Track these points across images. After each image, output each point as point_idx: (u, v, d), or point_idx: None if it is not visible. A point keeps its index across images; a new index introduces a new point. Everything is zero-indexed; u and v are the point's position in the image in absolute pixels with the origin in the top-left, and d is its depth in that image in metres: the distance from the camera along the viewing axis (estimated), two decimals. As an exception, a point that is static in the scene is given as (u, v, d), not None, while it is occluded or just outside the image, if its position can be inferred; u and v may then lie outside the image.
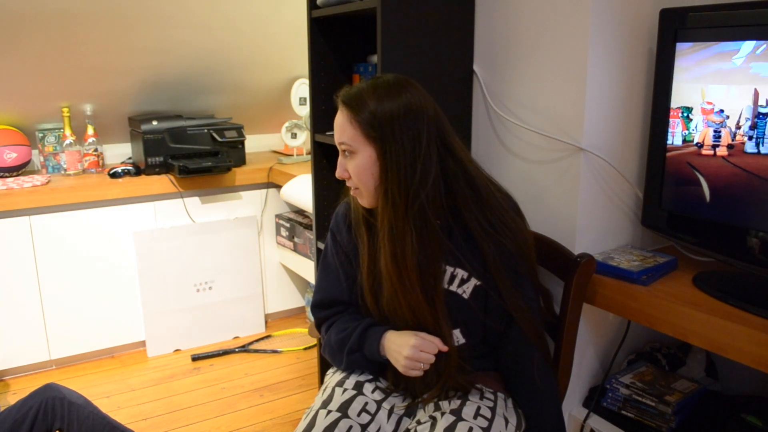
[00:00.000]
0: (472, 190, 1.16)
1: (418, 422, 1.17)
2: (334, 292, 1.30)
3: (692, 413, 1.39)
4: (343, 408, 1.17)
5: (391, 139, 1.11)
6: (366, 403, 1.20)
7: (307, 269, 2.67)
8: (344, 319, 1.29)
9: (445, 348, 1.16)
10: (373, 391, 1.23)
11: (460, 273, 1.19)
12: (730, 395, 1.48)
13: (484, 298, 1.20)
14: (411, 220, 1.12)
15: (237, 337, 2.87)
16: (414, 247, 1.13)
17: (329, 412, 1.17)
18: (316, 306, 1.34)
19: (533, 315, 1.20)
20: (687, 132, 1.27)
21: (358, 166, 1.15)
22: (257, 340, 2.84)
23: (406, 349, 1.15)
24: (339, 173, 1.20)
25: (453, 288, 1.20)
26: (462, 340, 1.22)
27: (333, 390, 1.23)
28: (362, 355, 1.24)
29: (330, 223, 1.33)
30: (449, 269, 1.19)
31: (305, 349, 2.74)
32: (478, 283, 1.19)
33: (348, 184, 1.21)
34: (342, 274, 1.29)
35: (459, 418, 1.13)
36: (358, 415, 1.17)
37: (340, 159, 1.19)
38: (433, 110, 1.15)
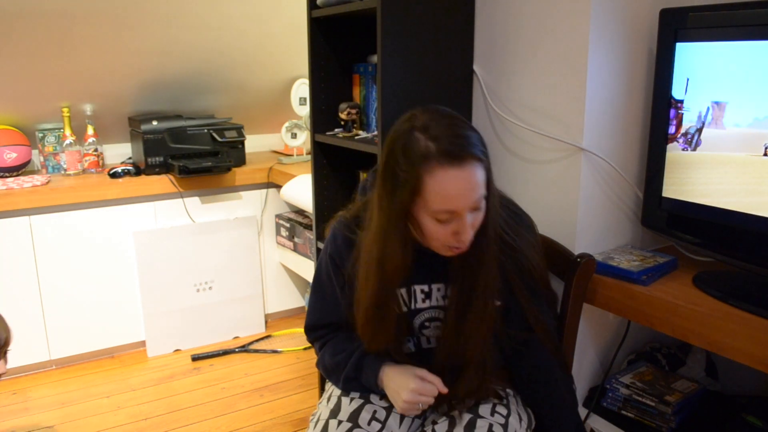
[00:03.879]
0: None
1: (434, 422, 1.16)
2: (329, 316, 1.26)
3: (692, 413, 1.39)
4: (353, 417, 1.16)
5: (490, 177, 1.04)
6: (375, 411, 1.19)
7: (307, 269, 2.67)
8: (338, 339, 1.26)
9: (444, 390, 1.13)
10: (381, 398, 1.21)
11: None
12: (730, 395, 1.48)
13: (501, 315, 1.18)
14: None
15: (237, 337, 2.87)
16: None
17: (340, 422, 1.15)
18: (310, 329, 1.30)
19: (549, 327, 1.18)
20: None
21: (478, 219, 1.04)
22: (257, 340, 2.84)
23: (405, 392, 1.12)
24: (470, 236, 1.03)
25: None
26: None
27: (339, 399, 1.22)
28: (359, 383, 1.21)
29: (327, 244, 1.23)
30: None
31: (305, 349, 2.74)
32: (498, 303, 1.16)
33: (457, 245, 1.05)
34: (340, 299, 1.23)
35: (477, 416, 1.13)
36: (369, 423, 1.16)
37: (466, 223, 1.01)
38: None
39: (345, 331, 1.27)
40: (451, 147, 0.96)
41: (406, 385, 1.12)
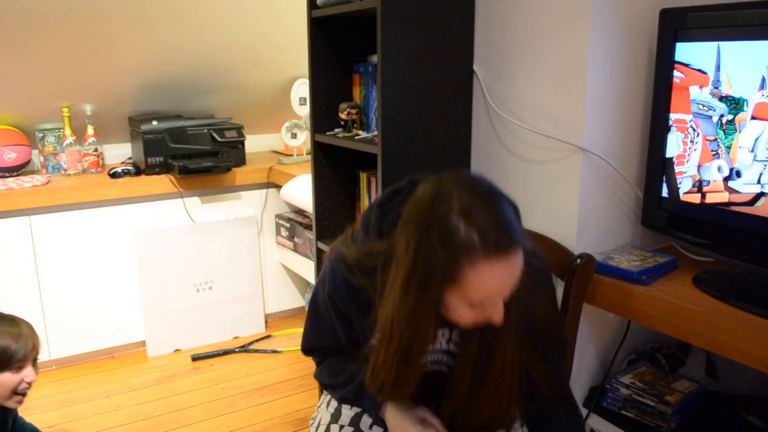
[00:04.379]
0: None
1: None
2: (325, 341, 1.23)
3: (692, 413, 1.39)
4: (355, 422, 1.16)
5: None
6: None
7: (307, 269, 2.67)
8: (336, 360, 1.23)
9: None
10: None
11: None
12: (730, 395, 1.48)
13: None
14: None
15: (237, 337, 2.87)
16: None
17: (341, 427, 1.15)
18: (306, 350, 1.28)
19: (554, 379, 1.14)
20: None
21: (508, 294, 0.96)
22: (257, 340, 2.84)
23: None
24: (502, 316, 0.96)
25: None
26: None
27: (339, 404, 1.21)
28: (358, 405, 1.19)
29: (325, 278, 1.15)
30: None
31: (305, 349, 2.74)
32: None
33: (486, 324, 1.00)
34: (340, 330, 1.18)
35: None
36: (370, 428, 1.16)
37: (501, 307, 0.95)
38: None
39: (342, 352, 1.24)
40: (499, 239, 0.87)
41: (406, 430, 1.08)
